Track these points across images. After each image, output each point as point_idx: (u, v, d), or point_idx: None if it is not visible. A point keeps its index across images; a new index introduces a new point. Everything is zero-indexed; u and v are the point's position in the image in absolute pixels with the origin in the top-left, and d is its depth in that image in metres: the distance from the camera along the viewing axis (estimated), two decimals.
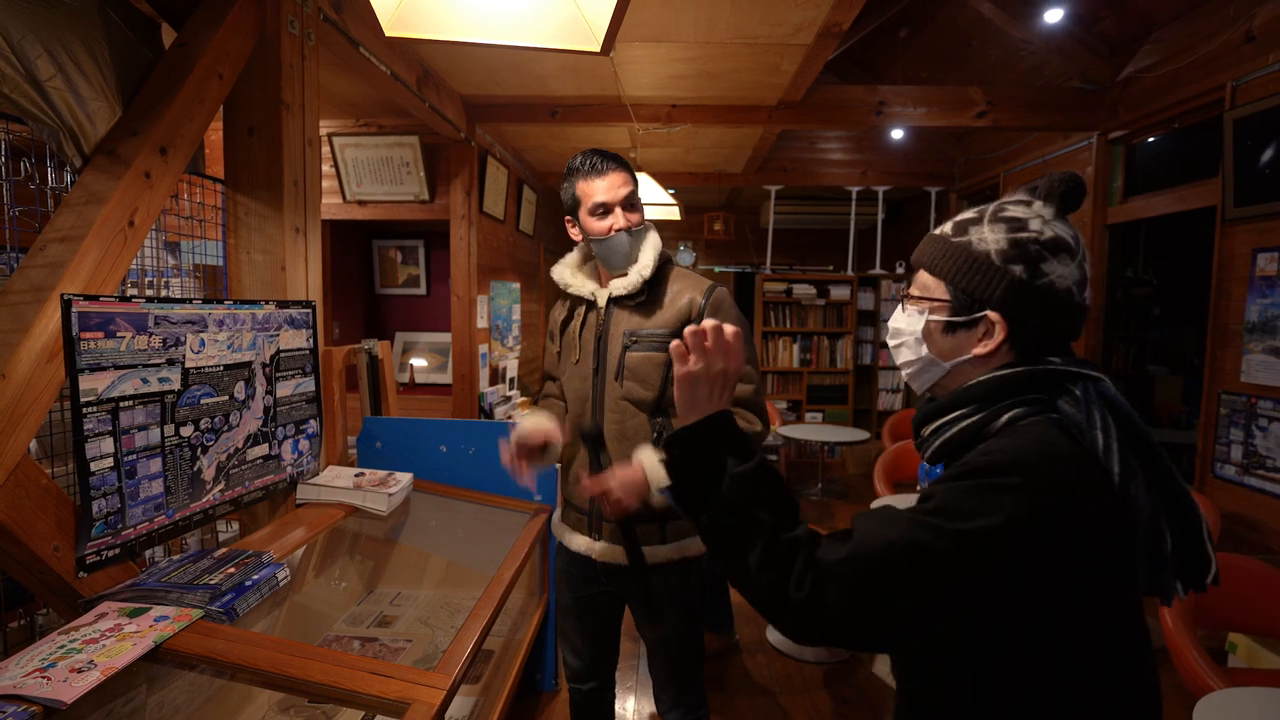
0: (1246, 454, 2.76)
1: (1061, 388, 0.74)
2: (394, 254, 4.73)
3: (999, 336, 0.77)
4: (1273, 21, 2.67)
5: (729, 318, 1.41)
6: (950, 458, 0.80)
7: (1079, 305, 0.77)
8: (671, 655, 1.52)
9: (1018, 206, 0.80)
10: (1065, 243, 0.76)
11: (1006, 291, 0.76)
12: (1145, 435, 0.72)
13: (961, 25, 4.12)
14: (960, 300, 0.79)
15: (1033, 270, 0.75)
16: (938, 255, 0.82)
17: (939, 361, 0.82)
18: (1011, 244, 0.76)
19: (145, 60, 1.58)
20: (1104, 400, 0.73)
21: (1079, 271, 0.77)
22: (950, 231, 0.82)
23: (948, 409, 0.80)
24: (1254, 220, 2.75)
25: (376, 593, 2.36)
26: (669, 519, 1.44)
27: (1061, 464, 0.68)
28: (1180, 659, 1.82)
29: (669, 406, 1.43)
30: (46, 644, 1.07)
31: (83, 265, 1.29)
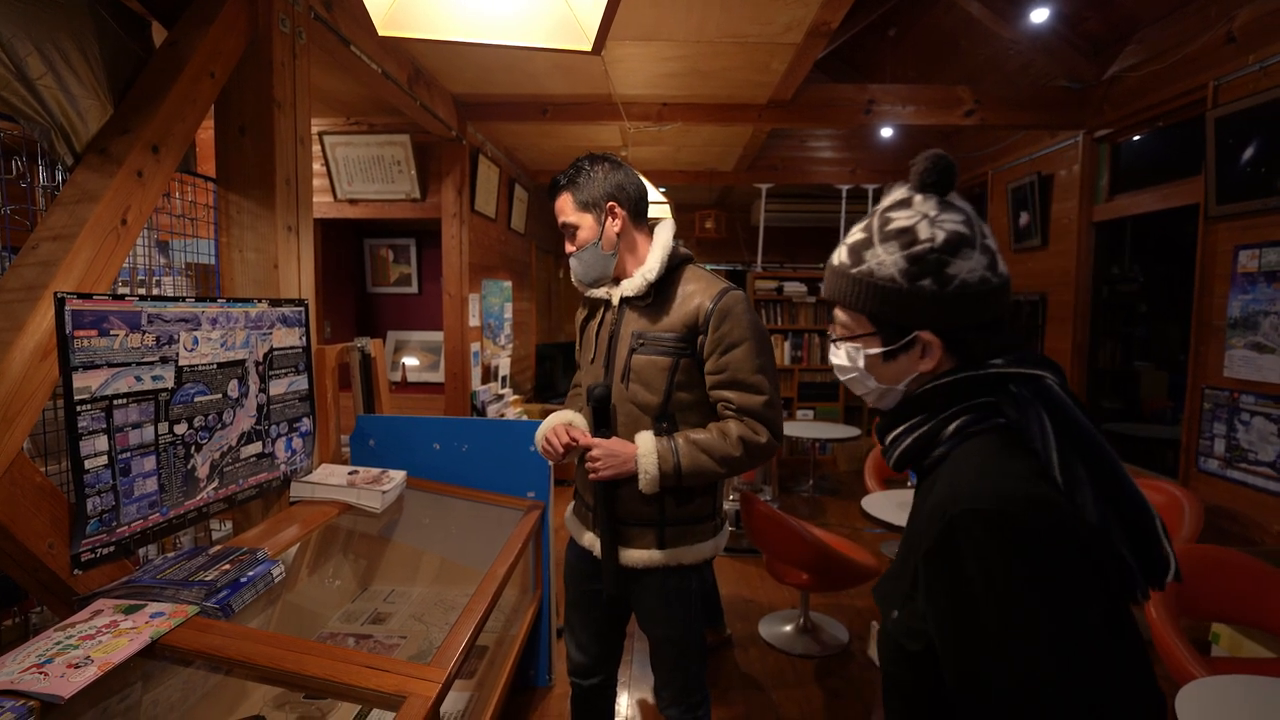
0: (1229, 448, 2.81)
1: (1005, 390, 0.73)
2: (385, 253, 4.72)
3: (936, 351, 0.77)
4: (1252, 22, 2.71)
5: (738, 324, 1.37)
6: (912, 464, 0.81)
7: (998, 286, 0.76)
8: (673, 653, 1.52)
9: (900, 212, 0.78)
10: (960, 235, 0.75)
11: (926, 308, 0.75)
12: (1087, 434, 0.70)
13: (949, 25, 4.15)
14: (886, 330, 0.79)
15: (941, 278, 0.74)
16: (847, 290, 0.80)
17: (892, 387, 0.82)
18: (910, 260, 0.75)
19: (136, 58, 1.58)
20: (1043, 400, 0.71)
21: (985, 255, 0.75)
22: (849, 261, 0.80)
23: (901, 418, 0.81)
24: (1236, 218, 2.80)
25: (371, 590, 2.37)
26: (666, 525, 1.44)
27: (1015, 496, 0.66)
28: (1164, 649, 1.85)
29: (675, 411, 1.41)
30: (43, 640, 1.08)
31: (76, 263, 1.29)
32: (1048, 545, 0.65)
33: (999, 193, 4.69)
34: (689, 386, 1.41)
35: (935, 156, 0.77)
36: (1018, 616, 0.64)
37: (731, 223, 6.95)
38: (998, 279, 0.76)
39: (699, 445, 1.36)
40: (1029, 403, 0.71)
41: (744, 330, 1.37)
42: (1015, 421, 0.71)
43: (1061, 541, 0.65)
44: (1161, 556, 0.69)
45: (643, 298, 1.44)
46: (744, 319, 1.38)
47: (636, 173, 1.50)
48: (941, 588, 0.69)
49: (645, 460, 1.35)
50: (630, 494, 1.43)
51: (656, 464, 1.35)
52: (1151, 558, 0.69)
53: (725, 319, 1.37)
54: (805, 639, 2.84)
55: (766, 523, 2.62)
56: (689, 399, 1.41)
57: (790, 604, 3.16)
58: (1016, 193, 4.42)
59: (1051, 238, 4.16)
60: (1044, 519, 0.66)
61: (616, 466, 1.37)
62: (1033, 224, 4.27)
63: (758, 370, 1.37)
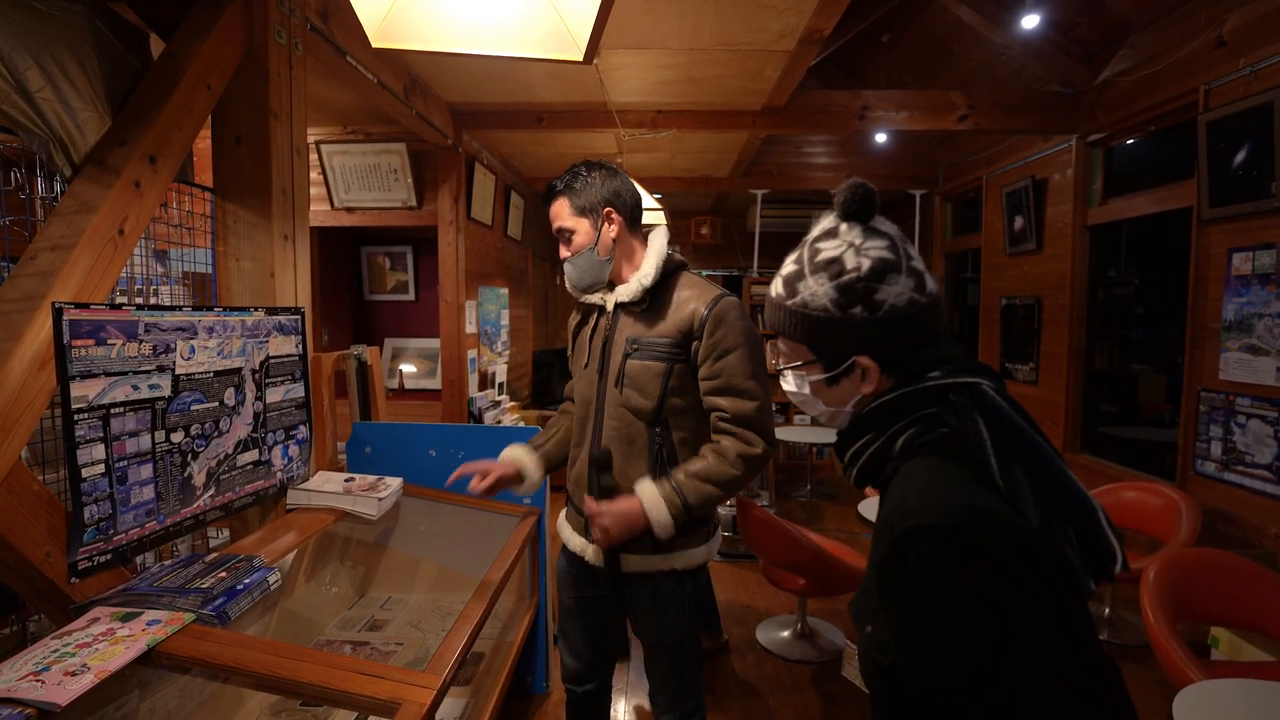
0: (1226, 450, 2.82)
1: (945, 400, 0.75)
2: (382, 260, 4.73)
3: (874, 373, 0.80)
4: (1243, 27, 2.74)
5: (732, 330, 1.38)
6: (871, 480, 0.83)
7: (927, 305, 0.78)
8: (667, 658, 1.52)
9: (827, 242, 0.81)
10: (884, 261, 0.77)
11: (859, 335, 0.78)
12: (1024, 435, 0.71)
13: (942, 31, 4.19)
14: (825, 358, 0.82)
15: (870, 305, 0.77)
16: (785, 321, 0.83)
17: (841, 409, 0.85)
18: (840, 290, 0.78)
19: (134, 70, 1.60)
20: (978, 406, 0.73)
21: (911, 278, 0.78)
22: (784, 293, 0.83)
23: (853, 437, 0.83)
24: (1229, 220, 2.81)
25: (367, 597, 2.37)
26: None
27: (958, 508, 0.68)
28: (1161, 652, 1.85)
29: (669, 416, 1.42)
30: (40, 648, 1.08)
31: (73, 274, 1.30)
32: (992, 555, 0.66)
33: (994, 197, 4.71)
34: (682, 392, 1.42)
35: (854, 185, 0.80)
36: (965, 627, 0.65)
37: (727, 228, 6.98)
38: (926, 299, 0.78)
39: (699, 476, 1.36)
40: (966, 409, 0.73)
41: (738, 337, 1.39)
42: (956, 430, 0.73)
43: (1006, 550, 0.66)
44: (1107, 547, 0.70)
45: (638, 303, 1.45)
46: (738, 325, 1.39)
47: (631, 180, 1.52)
48: (893, 602, 0.71)
49: (654, 512, 1.35)
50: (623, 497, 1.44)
51: (666, 510, 1.35)
52: (1097, 550, 0.70)
53: (720, 325, 1.38)
54: (802, 644, 2.84)
55: (763, 528, 2.63)
56: (682, 404, 1.42)
57: (787, 609, 3.16)
58: (1011, 197, 4.44)
59: (1046, 241, 4.17)
60: (987, 529, 0.67)
61: (628, 526, 1.36)
62: (1028, 228, 4.29)
63: (750, 376, 1.38)
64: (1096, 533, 0.70)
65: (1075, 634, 0.68)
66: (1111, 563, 0.70)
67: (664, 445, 1.43)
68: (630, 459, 1.44)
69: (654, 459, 1.43)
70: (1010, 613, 0.64)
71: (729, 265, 7.16)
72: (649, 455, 1.43)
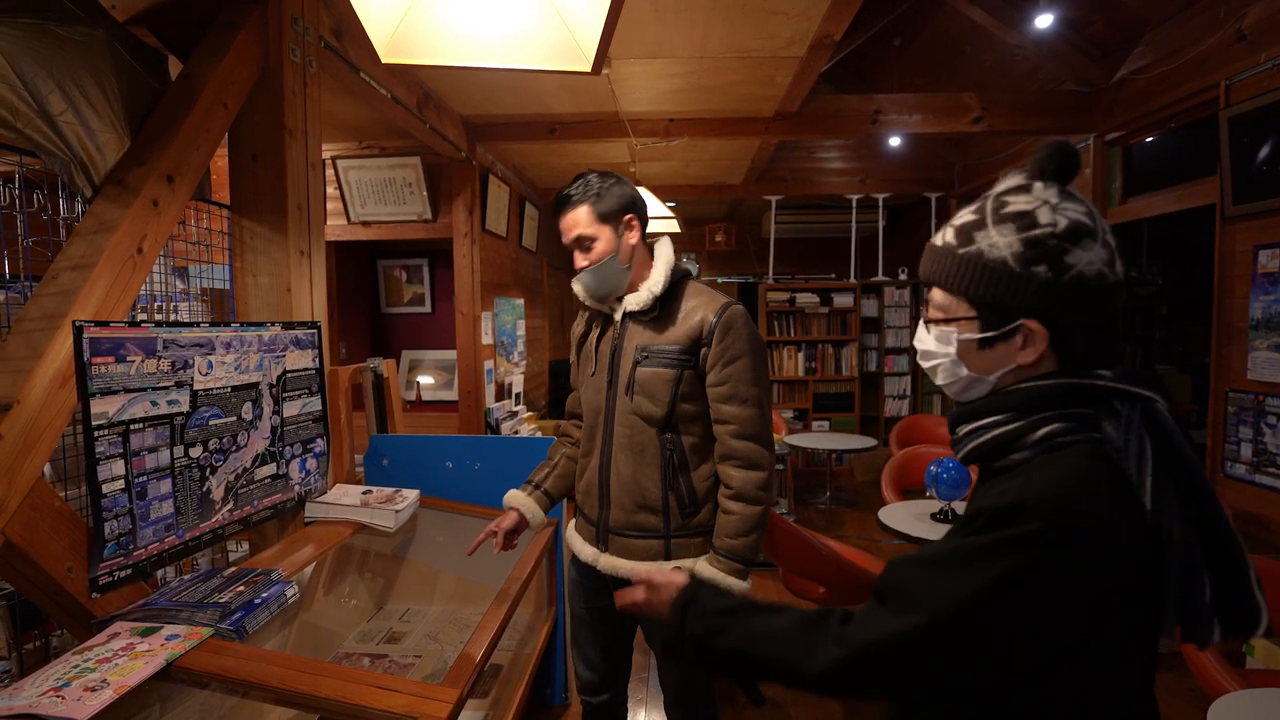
0: (1256, 452, 2.75)
1: (1107, 404, 0.69)
2: (399, 273, 4.78)
3: (1041, 343, 0.72)
4: (1263, 20, 2.68)
5: (739, 338, 1.41)
6: (982, 461, 0.77)
7: (1115, 284, 0.72)
8: (680, 670, 1.51)
9: (1018, 196, 0.74)
10: (1083, 225, 0.71)
11: (1037, 296, 0.71)
12: (1191, 467, 0.66)
13: (954, 32, 4.16)
14: (988, 315, 0.74)
15: (1058, 266, 0.70)
16: (950, 271, 0.76)
17: (982, 378, 0.77)
18: (1027, 244, 0.71)
19: (152, 92, 1.63)
20: (1149, 424, 0.67)
21: (1105, 250, 0.71)
22: (955, 241, 0.76)
23: (984, 413, 0.76)
24: (1253, 217, 2.75)
25: (386, 609, 2.37)
26: (671, 536, 1.44)
27: (1088, 505, 0.64)
28: (1195, 662, 1.80)
29: (679, 422, 1.44)
30: (61, 664, 1.09)
31: (94, 292, 1.33)
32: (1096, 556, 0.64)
33: None
34: (692, 398, 1.43)
35: (1059, 144, 0.74)
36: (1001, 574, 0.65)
37: (742, 235, 6.97)
38: (1115, 276, 0.72)
39: (740, 533, 1.40)
40: (1134, 424, 0.67)
41: (745, 344, 1.41)
42: (1112, 441, 0.67)
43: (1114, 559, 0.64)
44: (1252, 609, 0.65)
45: (647, 311, 1.46)
46: (745, 333, 1.42)
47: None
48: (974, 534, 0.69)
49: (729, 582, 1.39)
50: (634, 505, 1.44)
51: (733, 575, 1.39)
52: (1238, 606, 0.66)
53: (729, 332, 1.41)
54: None
55: (782, 536, 2.60)
56: (692, 410, 1.44)
57: None
58: None
59: None
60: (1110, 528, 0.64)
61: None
62: None
63: (754, 383, 1.42)
64: (1242, 587, 0.66)
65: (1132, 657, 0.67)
66: (1253, 624, 0.66)
67: (675, 451, 1.43)
68: (642, 466, 1.44)
69: (665, 465, 1.43)
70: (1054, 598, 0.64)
71: (744, 272, 7.14)
72: (660, 462, 1.43)
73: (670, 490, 1.44)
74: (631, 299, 1.47)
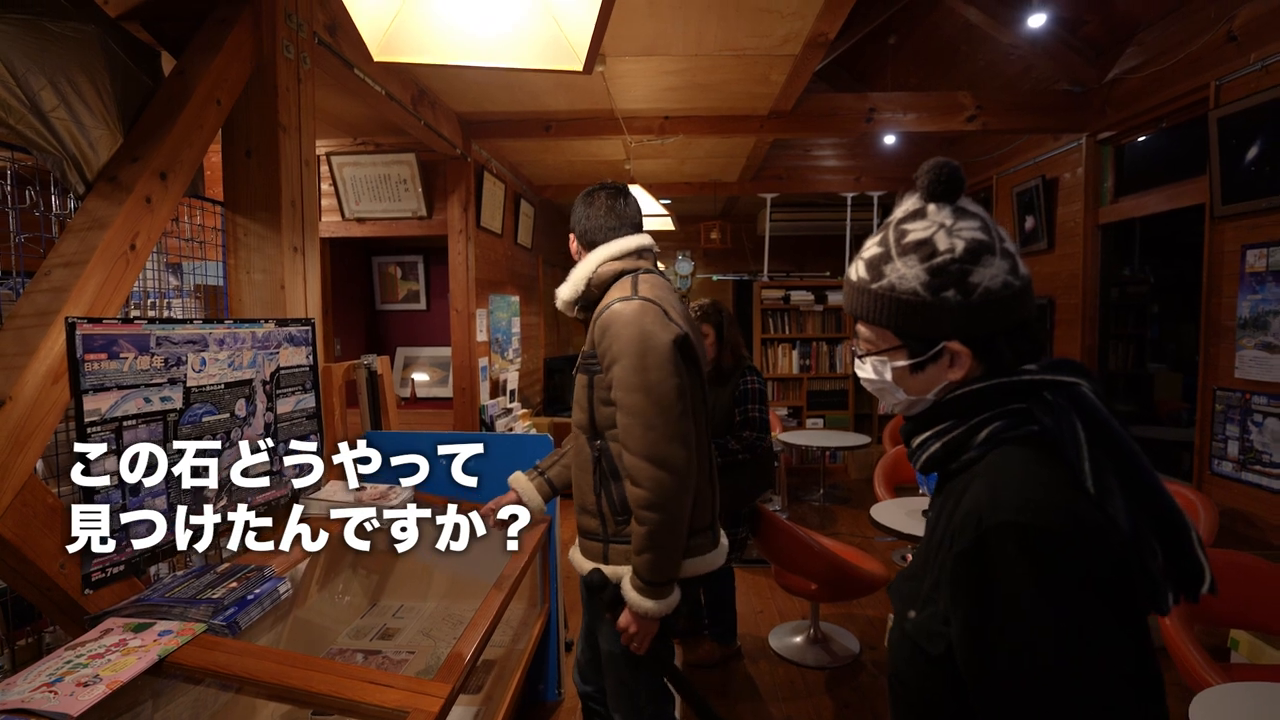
0: (1243, 449, 2.78)
1: (1038, 396, 0.73)
2: (394, 270, 4.77)
3: (966, 359, 0.77)
4: (1253, 21, 2.70)
5: (616, 339, 1.32)
6: (938, 467, 0.81)
7: (1020, 289, 0.76)
8: (614, 669, 1.49)
9: (916, 223, 0.78)
10: (979, 242, 0.75)
11: (951, 319, 0.75)
12: (1123, 443, 0.70)
13: (949, 31, 4.17)
14: (913, 343, 0.78)
15: (964, 288, 0.74)
16: (869, 306, 0.80)
17: (922, 397, 0.82)
18: (931, 273, 0.75)
19: (145, 88, 1.63)
20: (1078, 408, 0.71)
21: (1005, 260, 0.75)
22: (868, 276, 0.80)
23: (930, 424, 0.80)
24: (1242, 217, 2.78)
25: (380, 605, 2.38)
26: (611, 542, 1.44)
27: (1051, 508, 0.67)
28: (1178, 655, 1.83)
29: (603, 429, 1.40)
30: (53, 659, 1.10)
31: (86, 289, 1.33)
32: (1081, 563, 0.65)
33: (1004, 196, 4.68)
34: (611, 402, 1.36)
35: (939, 165, 0.77)
36: (1042, 631, 0.65)
37: (737, 233, 6.97)
38: (1019, 282, 0.76)
39: (638, 549, 1.34)
40: (1063, 411, 0.71)
41: (623, 345, 1.31)
42: (1049, 429, 0.71)
43: (1096, 559, 0.66)
44: (1196, 567, 0.69)
45: (582, 316, 1.49)
46: (625, 333, 1.31)
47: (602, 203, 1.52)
48: (969, 593, 0.70)
49: (633, 598, 1.35)
50: (580, 508, 1.47)
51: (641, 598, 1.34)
52: (1185, 569, 0.69)
53: (605, 334, 1.35)
54: (816, 650, 2.82)
55: (775, 533, 2.61)
56: (613, 414, 1.37)
57: (801, 614, 3.14)
58: (1021, 196, 4.41)
59: (1058, 241, 4.14)
60: (1081, 535, 0.66)
61: (645, 625, 1.36)
62: (1038, 227, 4.25)
63: (632, 389, 1.30)
64: (1186, 550, 0.68)
65: (1139, 644, 0.67)
66: (1198, 583, 0.69)
67: (602, 457, 1.42)
68: (580, 471, 1.46)
69: (595, 472, 1.43)
70: (1088, 622, 0.64)
71: (740, 270, 7.16)
72: (592, 469, 1.43)
73: (602, 496, 1.42)
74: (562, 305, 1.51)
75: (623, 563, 1.41)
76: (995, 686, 0.68)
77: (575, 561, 1.53)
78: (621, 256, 1.46)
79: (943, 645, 0.73)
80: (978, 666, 0.69)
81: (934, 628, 0.74)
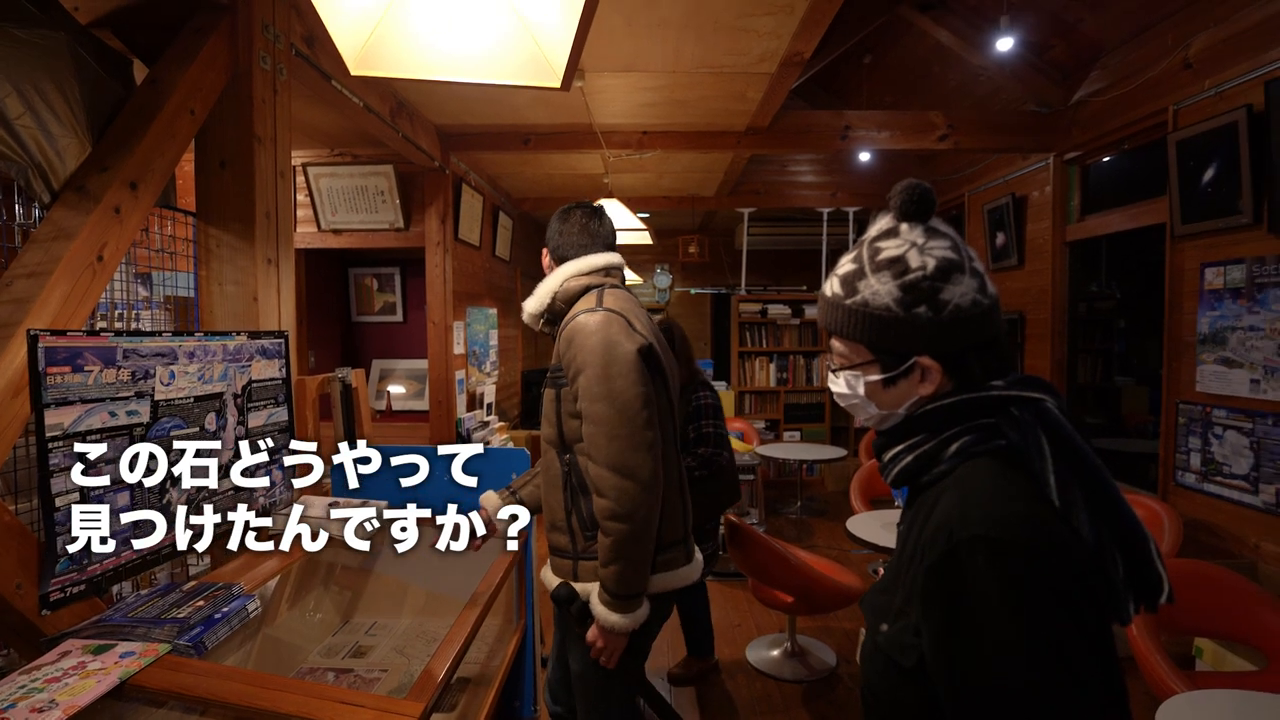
0: (1205, 461, 2.85)
1: (1005, 411, 0.75)
2: (370, 282, 4.73)
3: (936, 375, 0.79)
4: (1207, 49, 2.81)
5: (580, 349, 1.33)
6: (910, 481, 0.83)
7: (990, 306, 0.78)
8: (582, 689, 1.48)
9: (889, 241, 0.81)
10: (950, 261, 0.77)
11: (922, 335, 0.77)
12: (1086, 457, 0.72)
13: (922, 52, 4.27)
14: (885, 358, 0.81)
15: (935, 305, 0.76)
16: (843, 321, 0.82)
17: (893, 411, 0.84)
18: (904, 289, 0.77)
19: (116, 97, 1.60)
20: (1043, 423, 0.73)
21: (974, 279, 0.78)
22: (842, 292, 0.82)
23: (901, 438, 0.82)
24: (1200, 236, 2.87)
25: (352, 623, 2.33)
26: (580, 559, 1.42)
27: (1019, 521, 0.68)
28: (1144, 664, 1.86)
29: (572, 443, 1.39)
30: (6, 685, 1.06)
31: (50, 300, 1.30)
32: (1047, 571, 0.67)
33: (976, 213, 4.78)
34: (578, 415, 1.37)
35: (911, 186, 0.80)
36: (1011, 643, 0.66)
37: (715, 247, 7.03)
38: (988, 300, 0.78)
39: (604, 560, 1.33)
40: (1029, 426, 0.73)
41: (587, 355, 1.32)
42: (1016, 443, 0.73)
43: (1062, 572, 0.67)
44: (1155, 578, 0.71)
45: (548, 331, 1.50)
46: (589, 343, 1.32)
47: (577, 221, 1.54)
48: (939, 605, 0.71)
49: (600, 611, 1.34)
50: (550, 524, 1.47)
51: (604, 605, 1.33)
52: (1145, 579, 0.71)
53: (570, 344, 1.36)
54: (793, 663, 2.82)
55: (752, 546, 2.62)
56: (580, 428, 1.37)
57: (778, 628, 3.15)
58: (993, 214, 4.51)
59: (1027, 257, 4.24)
60: (1045, 544, 0.67)
61: (613, 640, 1.35)
62: (1009, 244, 4.35)
63: (597, 399, 1.29)
64: (1145, 561, 0.71)
65: (1104, 655, 0.69)
66: (1157, 592, 0.71)
67: (571, 472, 1.41)
68: (550, 487, 1.46)
69: (565, 487, 1.43)
70: (1056, 634, 0.65)
71: (717, 284, 7.20)
72: (562, 484, 1.43)
73: (572, 512, 1.41)
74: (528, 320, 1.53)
75: (591, 579, 1.40)
76: (967, 698, 0.69)
77: (546, 579, 1.51)
78: (590, 273, 1.48)
79: (915, 657, 0.74)
80: (949, 678, 0.70)
81: (906, 640, 0.75)
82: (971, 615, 0.68)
